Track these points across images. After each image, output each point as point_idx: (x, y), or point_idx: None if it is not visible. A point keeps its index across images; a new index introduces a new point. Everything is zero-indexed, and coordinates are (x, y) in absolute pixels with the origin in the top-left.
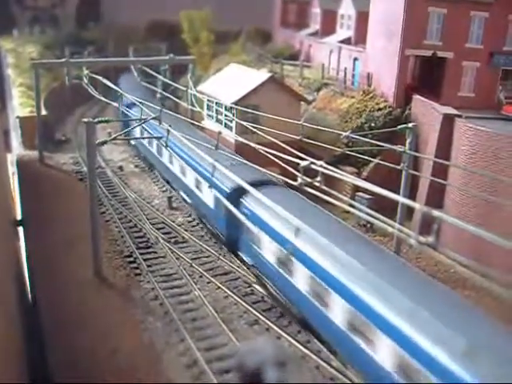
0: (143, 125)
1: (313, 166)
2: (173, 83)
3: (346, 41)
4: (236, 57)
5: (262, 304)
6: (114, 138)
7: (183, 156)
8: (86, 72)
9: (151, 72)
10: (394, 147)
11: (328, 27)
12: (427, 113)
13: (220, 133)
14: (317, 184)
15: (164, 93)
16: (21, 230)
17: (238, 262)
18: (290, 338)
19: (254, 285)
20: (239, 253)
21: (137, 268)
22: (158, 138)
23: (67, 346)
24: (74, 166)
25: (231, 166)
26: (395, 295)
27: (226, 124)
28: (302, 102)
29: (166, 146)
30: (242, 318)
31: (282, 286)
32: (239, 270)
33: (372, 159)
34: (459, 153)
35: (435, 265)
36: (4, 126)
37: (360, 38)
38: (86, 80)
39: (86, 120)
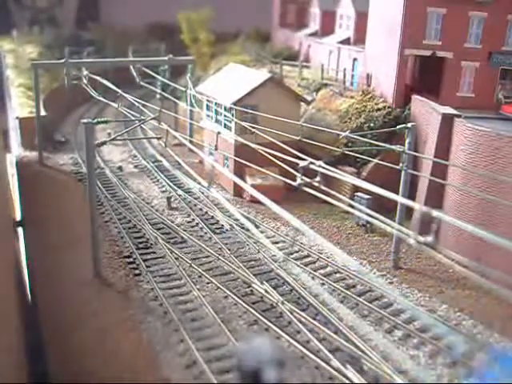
0: None
1: (312, 166)
2: (172, 83)
3: (346, 41)
4: (235, 57)
5: (262, 304)
6: (113, 139)
7: None
8: (85, 73)
9: (151, 72)
10: (394, 147)
11: (327, 27)
12: (426, 113)
13: (219, 133)
14: (316, 184)
15: (163, 93)
16: (20, 230)
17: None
18: (289, 338)
19: (254, 285)
20: None
21: (136, 268)
22: (158, 138)
23: (67, 346)
24: (73, 166)
25: None
26: None
27: (225, 124)
28: (302, 103)
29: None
30: (242, 318)
31: None
32: (239, 270)
33: (371, 159)
34: (458, 152)
35: (434, 265)
36: (3, 126)
37: (359, 38)
38: (85, 81)
39: (84, 121)
